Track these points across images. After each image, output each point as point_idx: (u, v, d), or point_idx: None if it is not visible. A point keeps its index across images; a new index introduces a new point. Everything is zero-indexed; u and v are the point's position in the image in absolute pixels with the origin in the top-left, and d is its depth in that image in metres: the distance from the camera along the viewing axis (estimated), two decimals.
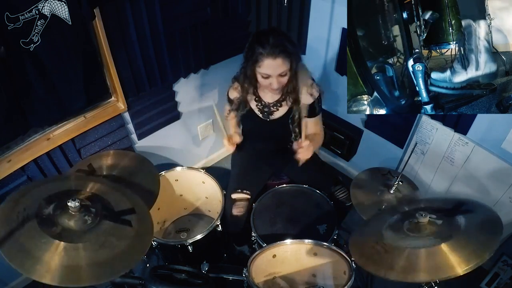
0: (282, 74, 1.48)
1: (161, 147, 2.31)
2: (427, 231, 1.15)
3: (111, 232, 1.15)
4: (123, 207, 1.25)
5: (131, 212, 1.23)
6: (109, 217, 1.18)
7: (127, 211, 1.23)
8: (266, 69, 1.46)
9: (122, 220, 1.19)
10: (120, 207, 1.24)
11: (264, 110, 1.72)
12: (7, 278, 1.97)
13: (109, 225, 1.16)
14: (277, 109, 1.71)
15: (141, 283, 1.32)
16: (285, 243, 1.48)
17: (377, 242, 1.19)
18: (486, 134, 1.69)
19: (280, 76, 1.49)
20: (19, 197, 1.18)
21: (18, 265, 1.00)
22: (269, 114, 1.72)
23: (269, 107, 1.71)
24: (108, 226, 1.16)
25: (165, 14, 1.74)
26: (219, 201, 1.86)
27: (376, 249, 1.17)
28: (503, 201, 1.73)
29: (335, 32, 2.05)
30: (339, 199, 1.82)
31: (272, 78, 1.49)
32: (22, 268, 1.00)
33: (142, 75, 1.87)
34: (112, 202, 1.25)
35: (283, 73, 1.48)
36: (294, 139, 1.70)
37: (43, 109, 1.57)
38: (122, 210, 1.23)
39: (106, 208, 1.21)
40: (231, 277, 1.57)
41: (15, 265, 1.00)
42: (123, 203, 1.26)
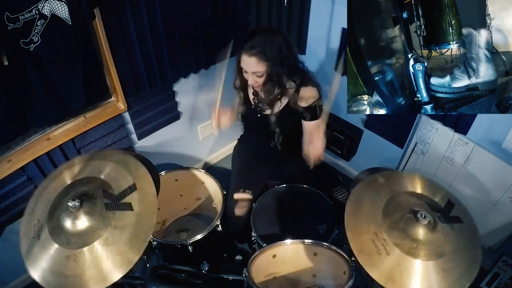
0: (257, 74, 1.52)
1: (161, 147, 2.31)
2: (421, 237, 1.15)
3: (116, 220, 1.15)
4: (122, 182, 1.23)
5: (131, 190, 1.21)
6: (111, 205, 1.18)
7: (127, 190, 1.21)
8: (242, 64, 1.53)
9: (123, 205, 1.18)
10: (119, 185, 1.23)
11: (259, 105, 1.74)
12: (7, 278, 1.97)
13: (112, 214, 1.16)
14: (267, 106, 1.71)
15: (141, 283, 1.32)
16: (285, 243, 1.47)
17: (376, 234, 1.18)
18: (486, 134, 1.69)
19: (256, 75, 1.53)
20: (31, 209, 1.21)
21: None
22: (263, 110, 1.74)
23: (263, 103, 1.72)
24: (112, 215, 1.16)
25: (165, 14, 1.74)
26: (219, 201, 1.85)
27: (374, 241, 1.17)
28: (503, 201, 1.73)
29: (335, 32, 2.05)
30: (339, 199, 1.82)
31: (248, 74, 1.54)
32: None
33: (142, 75, 1.87)
34: (110, 181, 1.24)
35: (258, 74, 1.51)
36: (277, 140, 1.75)
37: (43, 109, 1.57)
38: (122, 191, 1.22)
39: (107, 193, 1.20)
40: (231, 277, 1.57)
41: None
42: (122, 176, 1.25)
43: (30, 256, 1.11)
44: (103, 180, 1.24)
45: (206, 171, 1.97)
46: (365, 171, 1.80)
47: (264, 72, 1.51)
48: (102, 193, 1.20)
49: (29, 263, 1.11)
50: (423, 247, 1.12)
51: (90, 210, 1.15)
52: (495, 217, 1.77)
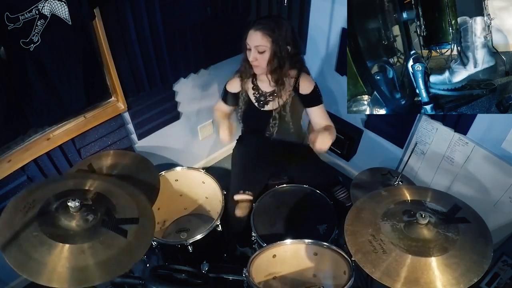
0: (260, 50, 1.55)
1: (161, 147, 2.31)
2: (423, 237, 1.15)
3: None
4: (128, 212, 1.26)
5: (133, 222, 1.23)
6: (109, 223, 1.19)
7: (129, 220, 1.24)
8: (248, 39, 1.56)
9: (119, 229, 1.20)
10: (123, 213, 1.25)
11: (260, 99, 1.75)
12: (7, 278, 1.97)
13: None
14: (273, 99, 1.72)
15: (141, 283, 1.32)
16: (285, 243, 1.47)
17: (374, 236, 1.19)
18: (486, 134, 1.69)
19: (259, 52, 1.55)
20: (22, 198, 1.20)
21: (23, 270, 1.02)
22: (265, 103, 1.74)
23: (265, 96, 1.73)
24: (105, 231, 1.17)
25: (165, 14, 1.74)
26: (219, 201, 1.85)
27: (371, 241, 1.18)
28: (503, 201, 1.73)
29: (335, 32, 2.05)
30: (339, 199, 1.82)
31: (250, 51, 1.56)
32: (29, 274, 1.02)
33: (142, 75, 1.87)
34: (118, 206, 1.26)
35: (260, 49, 1.54)
36: (270, 136, 1.76)
37: (43, 109, 1.57)
38: (125, 218, 1.24)
39: (110, 213, 1.22)
40: (231, 277, 1.57)
41: (20, 271, 1.02)
42: (129, 208, 1.27)
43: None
44: (110, 201, 1.26)
45: (206, 171, 1.97)
46: (365, 171, 1.81)
47: (266, 48, 1.54)
48: (105, 211, 1.21)
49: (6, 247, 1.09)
50: (424, 245, 1.13)
51: (86, 217, 1.17)
52: (495, 217, 1.77)
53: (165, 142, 2.32)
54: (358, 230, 1.23)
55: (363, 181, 1.74)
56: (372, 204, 1.33)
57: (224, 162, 2.80)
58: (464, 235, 1.15)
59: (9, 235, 1.08)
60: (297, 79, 1.68)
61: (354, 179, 1.77)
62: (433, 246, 1.12)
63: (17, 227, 1.10)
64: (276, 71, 1.61)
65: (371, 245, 1.16)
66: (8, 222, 1.13)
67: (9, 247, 1.06)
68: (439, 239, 1.14)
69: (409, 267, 1.08)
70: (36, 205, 1.18)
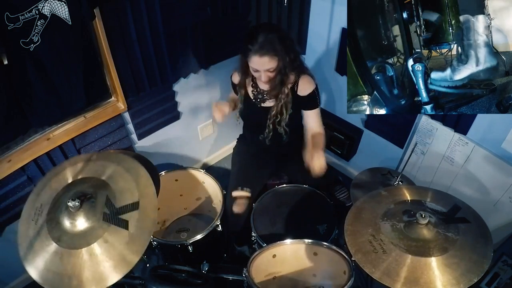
0: (270, 70, 1.57)
1: (161, 147, 2.31)
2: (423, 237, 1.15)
3: None
4: (127, 196, 1.23)
5: (133, 208, 1.21)
6: (109, 216, 1.18)
7: (129, 206, 1.21)
8: (254, 64, 1.56)
9: (119, 220, 1.19)
10: (123, 199, 1.23)
11: (258, 96, 1.76)
12: (7, 278, 1.97)
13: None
14: (270, 97, 1.74)
15: (141, 283, 1.32)
16: (285, 243, 1.48)
17: (374, 236, 1.20)
18: (486, 134, 1.69)
19: (268, 71, 1.57)
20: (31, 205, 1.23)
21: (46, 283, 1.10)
22: (262, 101, 1.76)
23: (262, 94, 1.75)
24: (107, 226, 1.16)
25: (165, 14, 1.74)
26: (219, 201, 1.85)
27: (370, 241, 1.18)
28: (503, 201, 1.73)
29: (335, 32, 2.05)
30: (339, 199, 1.82)
31: (260, 72, 1.57)
32: None
33: (142, 75, 1.87)
34: (116, 191, 1.24)
35: (270, 69, 1.56)
36: (266, 136, 1.77)
37: (43, 109, 1.57)
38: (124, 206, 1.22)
39: (110, 202, 1.21)
40: (231, 277, 1.57)
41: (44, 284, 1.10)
42: (128, 190, 1.25)
43: (28, 251, 1.14)
44: (109, 186, 1.24)
45: (206, 171, 1.97)
46: (365, 171, 1.81)
47: (275, 67, 1.57)
48: (105, 200, 1.20)
49: (27, 259, 1.13)
50: (424, 245, 1.13)
51: (88, 215, 1.17)
52: (495, 217, 1.77)
53: (165, 142, 2.32)
54: (358, 230, 1.23)
55: (363, 181, 1.75)
56: (372, 204, 1.33)
57: (224, 162, 2.80)
58: (464, 235, 1.15)
59: (26, 247, 1.13)
60: (296, 81, 1.68)
61: (354, 179, 1.77)
62: (433, 246, 1.12)
63: (32, 240, 1.14)
64: (281, 80, 1.64)
65: (371, 245, 1.16)
66: (24, 234, 1.17)
67: (30, 261, 1.13)
68: (439, 239, 1.14)
69: (409, 267, 1.08)
70: (43, 209, 1.19)
